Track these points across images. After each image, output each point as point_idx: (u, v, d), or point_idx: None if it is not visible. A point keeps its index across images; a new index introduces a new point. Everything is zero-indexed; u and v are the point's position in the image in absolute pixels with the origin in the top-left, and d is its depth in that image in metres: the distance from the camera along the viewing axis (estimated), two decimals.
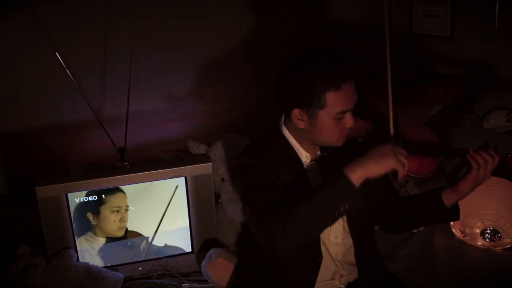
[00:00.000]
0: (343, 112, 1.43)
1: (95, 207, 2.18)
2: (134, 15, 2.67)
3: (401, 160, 1.32)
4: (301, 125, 1.48)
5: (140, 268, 2.26)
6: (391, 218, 1.68)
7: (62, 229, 2.15)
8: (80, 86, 2.30)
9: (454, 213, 1.56)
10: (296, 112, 1.46)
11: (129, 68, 2.31)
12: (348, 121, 1.46)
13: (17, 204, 2.49)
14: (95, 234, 2.22)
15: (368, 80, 2.68)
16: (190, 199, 2.26)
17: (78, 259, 2.18)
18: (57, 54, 2.21)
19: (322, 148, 1.55)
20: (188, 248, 2.33)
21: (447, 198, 1.53)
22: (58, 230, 2.15)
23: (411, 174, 1.55)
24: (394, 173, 1.34)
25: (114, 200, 2.20)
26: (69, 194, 2.14)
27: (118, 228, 2.23)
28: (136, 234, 2.27)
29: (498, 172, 1.49)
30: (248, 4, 2.95)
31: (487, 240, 2.16)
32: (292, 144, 1.56)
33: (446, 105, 2.55)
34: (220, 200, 2.40)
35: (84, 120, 2.57)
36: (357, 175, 1.30)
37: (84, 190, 2.15)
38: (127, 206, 2.22)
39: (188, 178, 2.24)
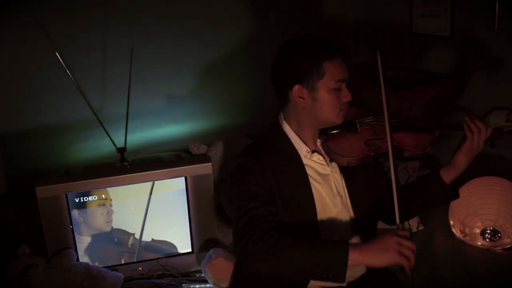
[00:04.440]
0: (341, 81, 1.50)
1: (80, 203, 2.17)
2: (134, 15, 2.67)
3: (406, 253, 1.30)
4: (302, 103, 1.52)
5: (140, 268, 2.26)
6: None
7: (62, 229, 2.15)
8: (80, 86, 2.30)
9: (455, 191, 1.61)
10: (296, 89, 1.51)
11: (129, 68, 2.31)
12: (346, 94, 1.52)
13: (17, 204, 2.49)
14: (79, 233, 2.20)
15: (368, 80, 2.68)
16: (190, 199, 2.26)
17: (78, 259, 2.18)
18: (57, 54, 2.21)
19: (321, 133, 1.57)
20: (188, 248, 2.33)
21: (446, 175, 1.58)
22: (58, 230, 2.15)
23: (408, 148, 1.58)
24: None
25: (99, 193, 2.20)
26: (70, 194, 2.14)
27: (106, 222, 2.22)
28: (123, 232, 2.26)
29: (491, 145, 1.54)
30: (249, 4, 2.95)
31: (487, 240, 2.16)
32: (292, 139, 1.58)
33: (445, 105, 2.55)
34: (220, 200, 2.41)
35: (84, 120, 2.57)
36: (355, 258, 1.31)
37: (84, 190, 2.15)
38: (111, 200, 2.21)
39: (188, 178, 2.24)
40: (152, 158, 2.39)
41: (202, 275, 2.18)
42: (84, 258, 2.22)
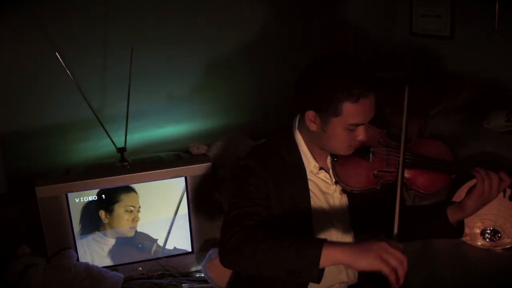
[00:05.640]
0: (356, 125, 1.41)
1: (108, 205, 2.19)
2: (134, 15, 2.67)
3: (391, 262, 1.17)
4: (313, 127, 1.45)
5: (140, 268, 2.27)
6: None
7: (62, 229, 2.15)
8: (80, 86, 2.30)
9: (458, 231, 1.54)
10: (310, 114, 1.43)
11: (129, 68, 2.31)
12: (360, 134, 1.43)
13: (17, 204, 2.49)
14: (104, 234, 2.21)
15: None
16: (190, 199, 2.26)
17: (78, 259, 2.18)
18: (57, 54, 2.21)
19: (332, 154, 1.52)
20: (188, 248, 2.33)
21: (452, 215, 1.50)
22: (58, 230, 2.15)
23: (419, 190, 1.50)
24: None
25: (128, 200, 2.20)
26: (70, 194, 2.14)
27: (130, 228, 2.23)
28: (146, 237, 2.27)
29: (510, 198, 1.48)
30: (249, 4, 2.95)
31: (487, 240, 2.16)
32: (302, 152, 1.52)
33: (445, 105, 2.55)
34: (220, 200, 2.41)
35: (84, 120, 2.57)
36: (330, 256, 1.21)
37: (84, 190, 2.15)
38: (139, 206, 2.22)
39: (188, 178, 2.24)
40: (152, 158, 2.39)
41: (202, 275, 2.18)
42: (106, 260, 2.23)
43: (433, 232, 1.57)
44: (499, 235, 2.15)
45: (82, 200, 2.16)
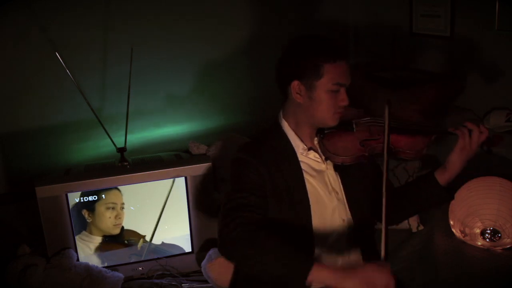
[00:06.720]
0: (339, 85, 1.52)
1: (90, 203, 2.18)
2: (134, 15, 2.67)
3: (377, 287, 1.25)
4: (299, 99, 1.55)
5: (140, 268, 2.27)
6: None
7: (62, 229, 2.15)
8: (80, 86, 2.30)
9: (449, 192, 1.61)
10: (295, 85, 1.54)
11: (129, 67, 2.31)
12: (343, 98, 1.54)
13: (17, 204, 2.49)
14: (90, 232, 2.21)
15: (368, 80, 2.68)
16: (190, 199, 2.26)
17: (78, 259, 2.18)
18: (57, 54, 2.22)
19: (318, 131, 1.61)
20: (188, 248, 2.33)
21: (441, 177, 1.59)
22: (58, 230, 2.15)
23: (404, 150, 1.59)
24: None
25: (109, 197, 2.20)
26: (70, 194, 2.14)
27: (114, 225, 2.23)
28: (133, 233, 2.26)
29: (487, 151, 1.54)
30: (248, 4, 2.95)
31: (487, 240, 2.16)
32: (289, 137, 1.60)
33: (444, 105, 2.55)
34: (220, 200, 2.41)
35: (84, 120, 2.57)
36: (318, 275, 1.28)
37: (84, 190, 2.15)
38: (123, 203, 2.22)
39: (188, 178, 2.24)
40: (152, 158, 2.39)
41: (202, 275, 2.18)
42: (92, 258, 2.23)
43: (426, 200, 1.64)
44: (499, 235, 2.15)
45: (82, 200, 2.17)
